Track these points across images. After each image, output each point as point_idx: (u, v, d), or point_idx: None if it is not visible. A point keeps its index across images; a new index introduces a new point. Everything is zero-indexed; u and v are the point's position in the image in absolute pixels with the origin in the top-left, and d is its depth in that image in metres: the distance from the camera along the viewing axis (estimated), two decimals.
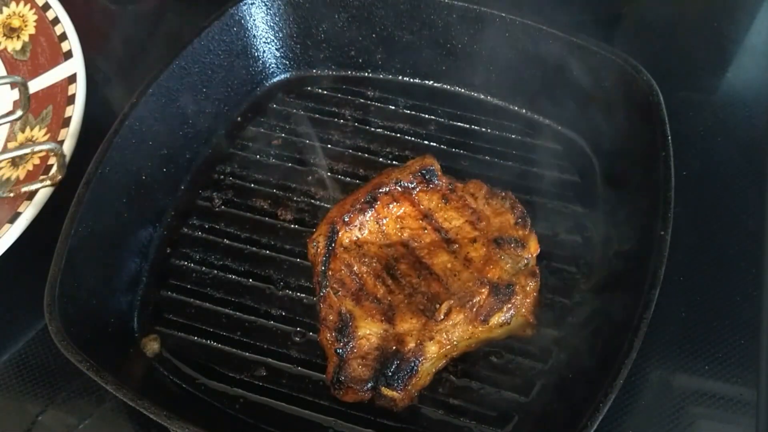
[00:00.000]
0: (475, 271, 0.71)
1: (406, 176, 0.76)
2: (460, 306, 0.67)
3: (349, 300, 0.70)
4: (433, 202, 0.77)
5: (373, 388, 0.66)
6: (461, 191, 0.77)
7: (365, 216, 0.75)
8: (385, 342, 0.68)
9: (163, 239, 0.82)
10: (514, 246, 0.72)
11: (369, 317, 0.69)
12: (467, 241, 0.74)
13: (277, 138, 0.91)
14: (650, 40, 1.02)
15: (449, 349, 0.68)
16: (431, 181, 0.77)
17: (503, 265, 0.71)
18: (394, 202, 0.76)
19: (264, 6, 0.91)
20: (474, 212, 0.75)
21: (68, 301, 0.67)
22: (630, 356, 0.60)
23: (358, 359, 0.67)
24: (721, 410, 0.69)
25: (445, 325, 0.67)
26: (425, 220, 0.76)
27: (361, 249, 0.74)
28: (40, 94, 0.91)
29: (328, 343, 0.68)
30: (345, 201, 0.76)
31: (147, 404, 0.61)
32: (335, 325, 0.68)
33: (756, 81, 0.96)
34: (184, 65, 0.85)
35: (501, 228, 0.74)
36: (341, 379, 0.67)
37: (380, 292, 0.71)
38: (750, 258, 0.79)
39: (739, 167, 0.87)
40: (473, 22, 0.87)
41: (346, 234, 0.74)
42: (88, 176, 0.74)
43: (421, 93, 0.93)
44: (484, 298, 0.68)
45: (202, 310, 0.76)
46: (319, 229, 0.74)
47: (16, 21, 0.98)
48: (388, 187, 0.76)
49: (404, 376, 0.66)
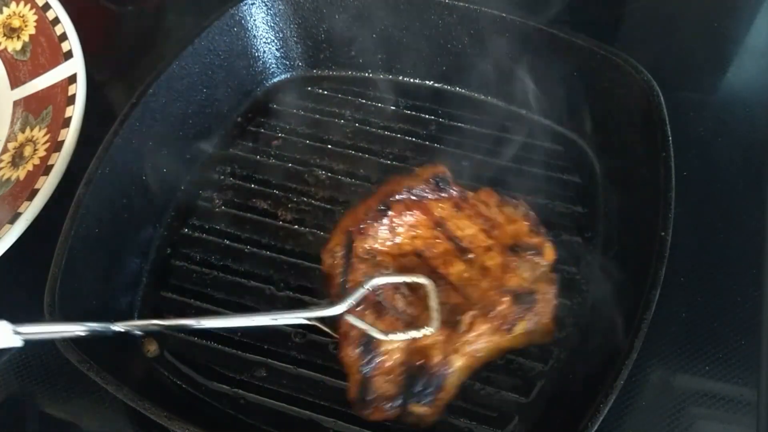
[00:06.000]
0: (493, 280, 0.69)
1: (417, 184, 0.74)
2: (482, 316, 0.66)
3: (370, 313, 0.67)
4: (445, 210, 0.74)
5: (400, 406, 0.64)
6: (473, 199, 0.75)
7: (379, 225, 0.73)
8: (410, 357, 0.65)
9: (163, 239, 0.82)
10: (530, 254, 0.70)
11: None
12: (482, 249, 0.72)
13: (277, 138, 0.91)
14: (650, 40, 1.02)
15: (474, 360, 0.66)
16: (443, 189, 0.74)
17: (521, 273, 0.69)
18: (407, 210, 0.74)
19: (264, 6, 0.91)
20: (487, 220, 0.74)
21: (68, 301, 0.67)
22: (630, 356, 0.60)
23: (382, 376, 0.65)
24: (721, 410, 0.69)
25: (470, 336, 0.65)
26: (438, 228, 0.74)
27: (375, 259, 0.72)
28: (40, 94, 0.91)
29: (350, 359, 0.65)
30: (356, 209, 0.74)
31: (147, 404, 0.61)
32: (359, 342, 0.65)
33: (756, 81, 0.96)
34: (184, 65, 0.85)
35: (515, 236, 0.72)
36: (367, 399, 0.64)
37: (400, 304, 0.69)
38: (750, 258, 0.79)
39: (739, 167, 0.87)
40: (473, 22, 0.87)
41: (360, 243, 0.72)
42: (88, 176, 0.74)
43: (421, 93, 0.93)
44: (506, 307, 0.66)
45: (203, 310, 0.76)
46: (334, 239, 0.72)
47: (16, 21, 0.98)
48: (400, 195, 0.74)
49: (433, 391, 0.64)
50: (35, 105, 0.90)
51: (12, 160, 0.86)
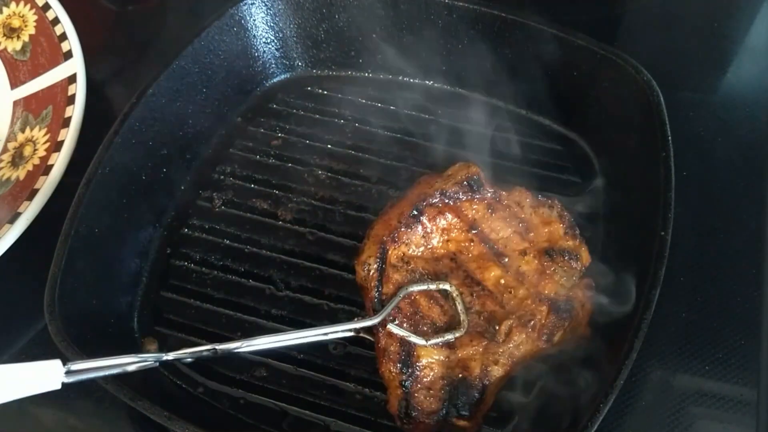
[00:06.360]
0: (530, 286, 0.69)
1: (451, 186, 0.72)
2: (520, 326, 0.66)
3: (407, 326, 0.67)
4: (479, 212, 0.73)
5: (442, 419, 0.64)
6: (507, 200, 0.73)
7: (413, 231, 0.71)
8: (449, 369, 0.65)
9: (163, 239, 0.82)
10: (567, 257, 0.70)
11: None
12: (517, 253, 0.71)
13: (277, 138, 0.91)
14: (650, 40, 1.02)
15: (512, 369, 0.66)
16: (477, 191, 0.73)
17: (557, 278, 0.69)
18: (440, 214, 0.72)
19: (264, 6, 0.91)
20: (521, 222, 0.73)
21: (68, 301, 0.67)
22: (630, 356, 0.60)
23: (423, 390, 0.64)
24: (721, 410, 0.69)
25: (508, 347, 0.65)
26: (472, 231, 0.72)
27: (408, 266, 0.70)
28: (40, 94, 0.91)
29: (391, 375, 0.65)
30: (389, 216, 0.72)
31: (147, 404, 0.61)
32: (399, 357, 0.64)
33: (756, 81, 0.96)
34: (184, 65, 0.85)
35: (550, 238, 0.72)
36: (412, 414, 0.64)
37: (435, 313, 0.68)
38: (750, 258, 0.79)
39: (739, 167, 0.87)
40: (473, 22, 0.87)
41: (394, 252, 0.70)
42: (88, 176, 0.74)
43: (421, 93, 0.93)
44: (544, 317, 0.66)
45: (202, 310, 0.76)
46: (367, 250, 0.70)
47: (16, 21, 0.98)
48: (433, 198, 0.72)
49: (475, 404, 0.64)
50: (35, 105, 0.90)
51: (12, 160, 0.86)
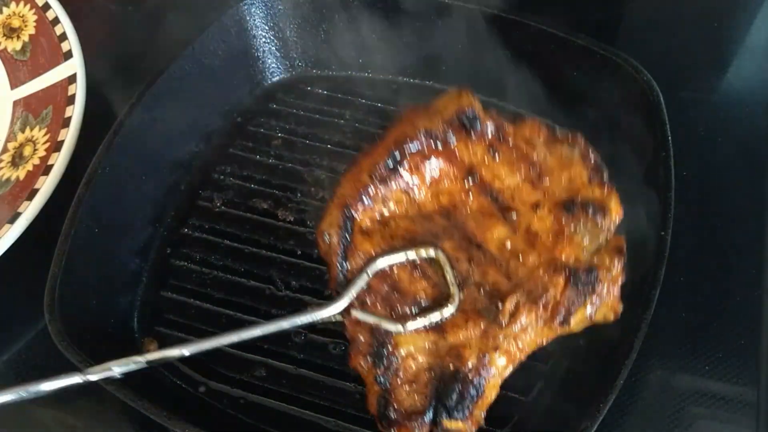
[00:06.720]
0: (543, 251, 0.54)
1: (437, 125, 0.57)
2: (530, 303, 0.52)
3: (381, 308, 0.53)
4: (477, 155, 0.58)
5: (432, 422, 0.52)
6: (514, 137, 0.58)
7: (389, 187, 0.56)
8: (437, 358, 0.52)
9: (163, 239, 0.82)
10: (591, 212, 0.55)
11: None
12: (527, 207, 0.56)
13: (277, 138, 0.91)
14: (650, 40, 1.02)
15: (519, 357, 0.54)
16: (473, 128, 0.58)
17: (579, 239, 0.55)
18: (426, 160, 0.57)
19: (264, 6, 0.91)
20: (533, 166, 0.58)
21: (68, 301, 0.67)
22: (630, 356, 0.60)
23: (405, 386, 0.52)
24: (721, 410, 0.69)
25: (513, 329, 0.52)
26: (469, 179, 0.58)
27: (387, 229, 0.56)
28: (40, 94, 0.91)
29: (363, 370, 0.53)
30: (359, 167, 0.57)
31: (147, 404, 0.61)
32: (371, 348, 0.52)
33: (756, 81, 0.96)
34: (184, 65, 0.85)
35: (570, 187, 0.57)
36: (391, 416, 0.52)
37: (420, 288, 0.54)
38: (750, 258, 0.79)
39: (739, 167, 0.87)
40: (473, 22, 0.87)
41: (365, 214, 0.56)
42: (88, 176, 0.74)
43: (421, 93, 0.93)
44: (560, 291, 0.52)
45: (202, 310, 0.76)
46: (328, 215, 0.57)
47: (16, 21, 0.98)
48: (416, 141, 0.57)
49: (469, 402, 0.52)
50: (35, 105, 0.90)
51: (12, 160, 0.86)
